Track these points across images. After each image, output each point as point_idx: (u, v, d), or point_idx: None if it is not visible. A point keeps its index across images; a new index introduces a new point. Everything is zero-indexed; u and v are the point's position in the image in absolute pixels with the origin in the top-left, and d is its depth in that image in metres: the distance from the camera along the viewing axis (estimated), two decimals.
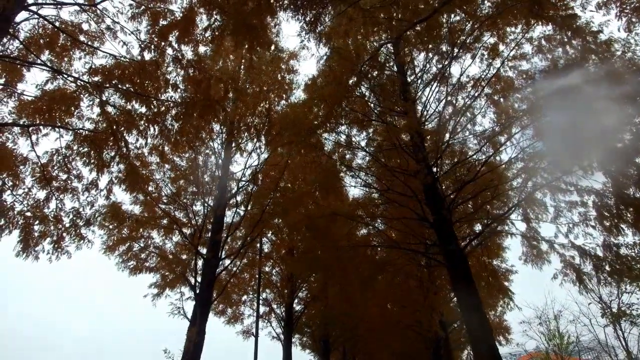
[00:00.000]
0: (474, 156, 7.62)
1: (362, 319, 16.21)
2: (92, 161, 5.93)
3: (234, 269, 11.14)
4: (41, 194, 5.82)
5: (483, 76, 7.20)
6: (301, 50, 7.16)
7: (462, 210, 7.80)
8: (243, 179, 9.82)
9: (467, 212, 8.05)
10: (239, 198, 9.87)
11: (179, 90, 5.71)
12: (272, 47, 6.09)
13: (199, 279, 8.07)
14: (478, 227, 9.10)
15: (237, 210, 9.97)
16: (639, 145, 5.09)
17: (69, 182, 5.86)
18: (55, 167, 5.69)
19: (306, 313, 16.13)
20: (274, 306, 14.20)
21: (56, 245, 6.20)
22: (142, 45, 5.11)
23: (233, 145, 9.83)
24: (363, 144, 8.57)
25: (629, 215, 5.75)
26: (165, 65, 5.48)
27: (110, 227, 8.43)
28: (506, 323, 15.82)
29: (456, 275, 6.12)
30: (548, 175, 6.66)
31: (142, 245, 9.41)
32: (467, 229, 9.26)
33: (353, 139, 8.49)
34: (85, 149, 5.80)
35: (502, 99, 7.57)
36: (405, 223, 8.44)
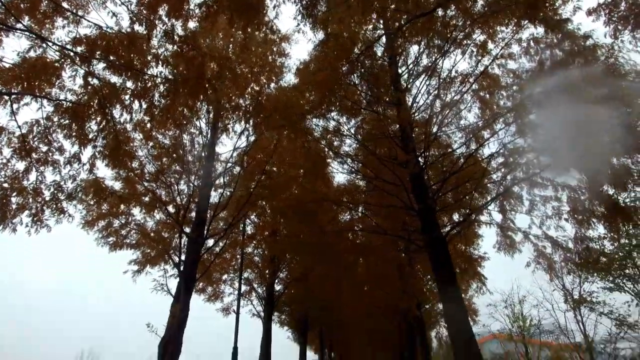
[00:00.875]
0: (459, 149, 7.88)
1: (340, 301, 16.78)
2: (73, 134, 5.72)
3: (217, 249, 11.16)
4: (20, 165, 5.59)
5: (471, 72, 7.37)
6: (295, 33, 7.02)
7: (444, 200, 8.11)
8: (230, 160, 9.74)
9: (448, 202, 8.37)
10: (224, 179, 9.78)
11: (169, 66, 5.52)
12: (267, 29, 5.93)
13: (182, 257, 8.07)
14: (456, 216, 9.54)
15: (224, 191, 9.91)
16: (615, 146, 5.45)
17: (50, 154, 5.63)
18: (36, 139, 5.44)
19: (286, 293, 16.50)
20: (255, 285, 14.43)
21: (35, 219, 6.02)
22: (133, 18, 4.86)
23: (220, 125, 9.65)
24: (352, 131, 8.64)
25: (600, 210, 6.23)
26: (156, 39, 5.25)
27: (91, 202, 8.24)
28: (474, 306, 16.82)
29: (437, 260, 6.45)
30: (527, 170, 7.02)
31: (122, 221, 9.27)
32: (446, 217, 9.67)
33: (342, 127, 8.55)
34: (67, 121, 5.57)
35: (487, 95, 7.81)
36: (389, 210, 8.70)
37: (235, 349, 10.52)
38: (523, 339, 13.80)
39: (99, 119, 5.63)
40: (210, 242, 10.44)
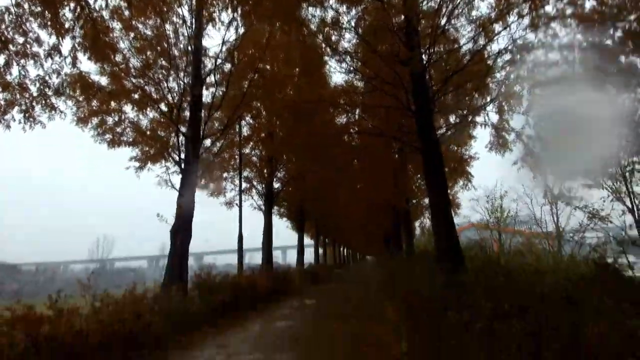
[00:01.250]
0: (466, 45, 7.36)
1: (335, 198, 18.11)
2: (47, 23, 5.19)
3: (215, 149, 11.39)
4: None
5: None
6: None
7: (443, 102, 7.99)
8: (220, 55, 9.06)
9: (447, 104, 8.27)
10: (215, 77, 9.30)
11: None
12: None
13: (182, 156, 8.32)
14: (452, 118, 9.54)
15: (216, 90, 9.53)
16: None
17: (28, 46, 5.20)
18: (9, 29, 4.93)
19: (284, 191, 17.63)
20: (255, 183, 15.29)
21: (27, 115, 5.96)
22: None
23: (205, 14, 8.66)
24: (352, 24, 7.85)
25: None
26: None
27: (80, 98, 8.01)
28: (458, 200, 18.37)
29: (431, 161, 6.77)
30: (532, 68, 6.75)
31: (115, 119, 9.19)
32: (442, 119, 9.68)
33: (341, 17, 7.73)
34: (39, 9, 4.99)
35: None
36: (386, 111, 8.62)
37: (240, 235, 11.86)
38: (498, 228, 15.64)
39: (72, 5, 5.03)
40: (207, 142, 10.61)
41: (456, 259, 6.18)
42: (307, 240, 30.08)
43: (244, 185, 14.90)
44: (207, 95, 9.86)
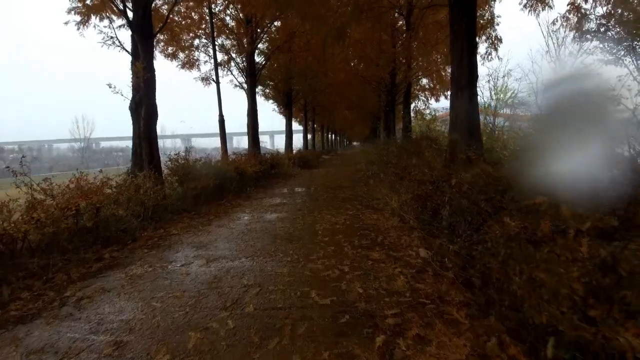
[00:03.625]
0: None
1: (325, 74, 15.99)
2: None
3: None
4: None
5: None
6: None
7: None
8: None
9: None
10: None
11: None
12: None
13: (129, 5, 6.09)
14: None
15: None
16: None
17: None
18: None
19: (269, 67, 15.30)
20: (233, 55, 12.91)
21: None
22: None
23: None
24: None
25: None
26: None
27: None
28: None
29: (461, 22, 5.04)
30: None
31: None
32: None
33: None
34: None
35: None
36: None
37: (220, 115, 10.39)
38: (494, 113, 14.77)
39: None
40: None
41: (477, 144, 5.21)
42: (296, 126, 28.85)
43: (220, 57, 12.56)
44: None
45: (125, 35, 8.23)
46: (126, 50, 6.27)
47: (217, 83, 10.40)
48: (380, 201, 5.83)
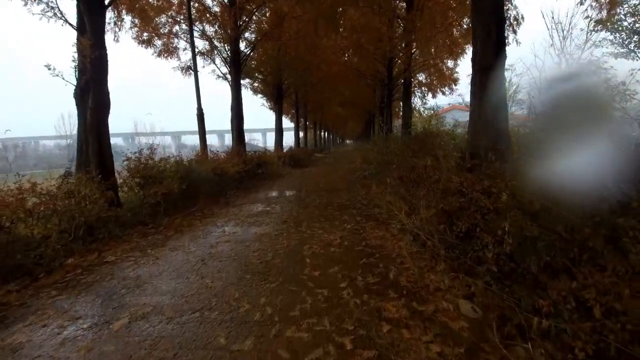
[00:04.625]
0: None
1: (318, 65, 14.85)
2: None
3: None
4: None
5: None
6: None
7: None
8: None
9: None
10: None
11: None
12: None
13: None
14: None
15: None
16: None
17: None
18: None
19: (257, 58, 14.11)
20: (216, 43, 11.68)
21: None
22: None
23: None
24: None
25: None
26: None
27: None
28: (456, 74, 15.69)
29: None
30: None
31: None
32: None
33: None
34: None
35: None
36: None
37: (199, 109, 9.19)
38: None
39: None
40: None
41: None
42: (288, 124, 27.65)
43: (201, 44, 11.35)
44: None
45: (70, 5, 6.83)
46: (70, 24, 5.06)
47: (196, 72, 9.20)
48: (382, 209, 4.78)
